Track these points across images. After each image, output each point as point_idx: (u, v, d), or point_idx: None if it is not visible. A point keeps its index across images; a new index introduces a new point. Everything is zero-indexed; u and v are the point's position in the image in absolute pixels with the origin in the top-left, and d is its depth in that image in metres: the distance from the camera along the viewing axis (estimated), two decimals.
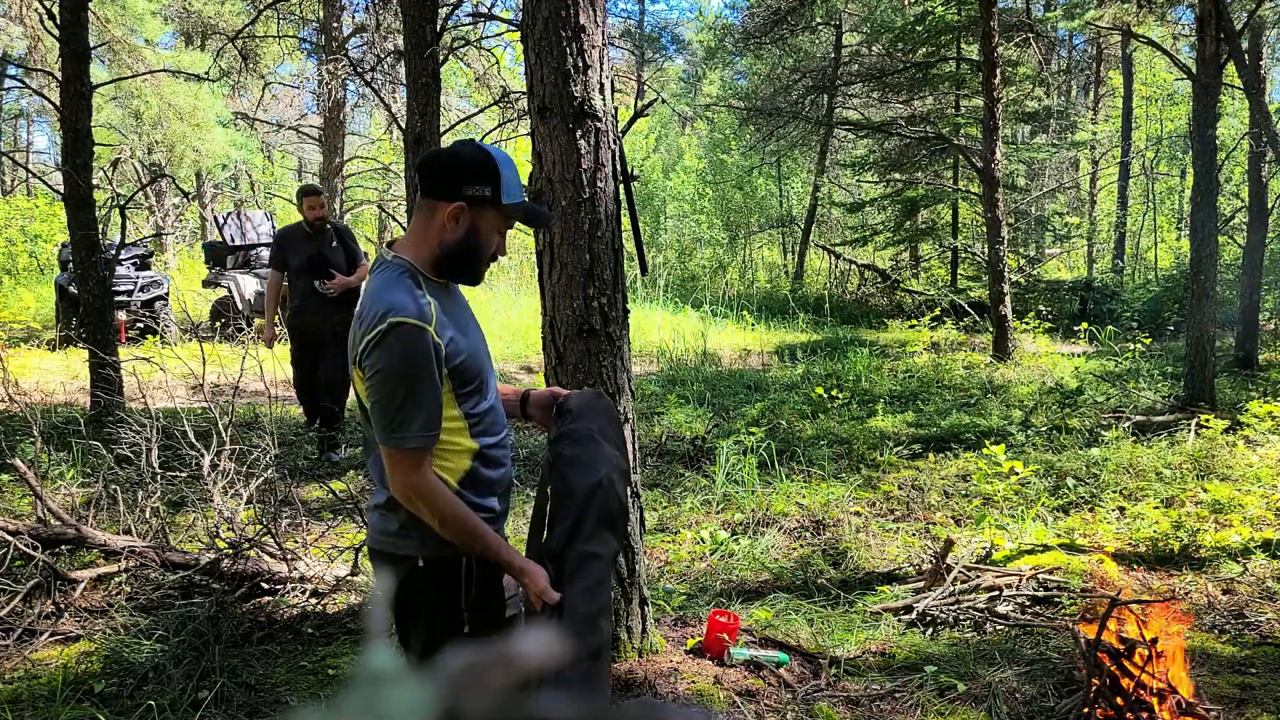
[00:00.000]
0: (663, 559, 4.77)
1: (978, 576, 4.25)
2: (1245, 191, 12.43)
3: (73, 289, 9.15)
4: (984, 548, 4.70)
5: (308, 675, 3.44)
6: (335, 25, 18.47)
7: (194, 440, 4.72)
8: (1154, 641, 3.00)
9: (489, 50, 14.90)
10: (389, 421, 1.94)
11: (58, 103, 7.19)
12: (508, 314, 14.10)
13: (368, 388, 1.96)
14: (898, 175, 18.14)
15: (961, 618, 3.95)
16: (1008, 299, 11.65)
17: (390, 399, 1.93)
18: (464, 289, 2.22)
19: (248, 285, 12.83)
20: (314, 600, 4.08)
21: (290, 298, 6.60)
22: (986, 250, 12.56)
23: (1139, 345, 11.04)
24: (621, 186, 3.38)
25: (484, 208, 2.04)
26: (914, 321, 14.06)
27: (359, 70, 12.17)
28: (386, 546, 2.07)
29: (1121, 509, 5.47)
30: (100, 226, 7.45)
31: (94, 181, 7.31)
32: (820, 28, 20.65)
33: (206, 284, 13.89)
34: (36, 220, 19.68)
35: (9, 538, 3.95)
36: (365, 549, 2.14)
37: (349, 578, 4.23)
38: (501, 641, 0.41)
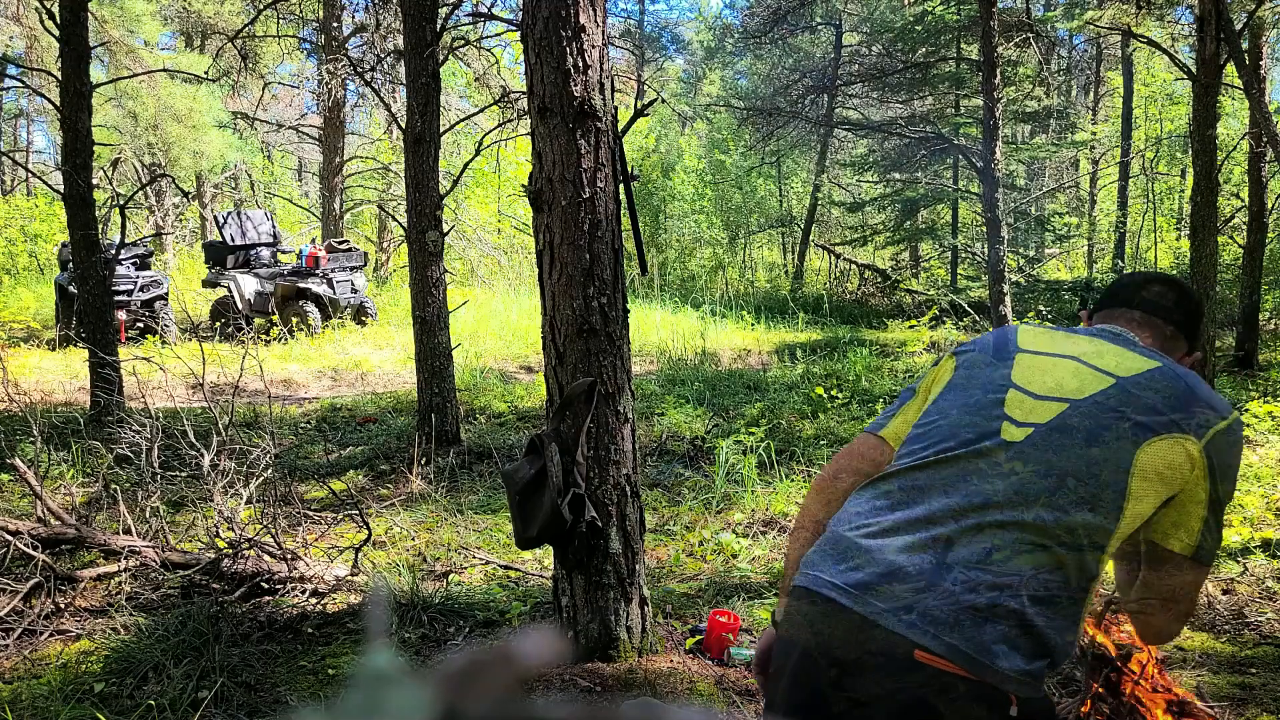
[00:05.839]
0: (663, 559, 4.77)
1: None
2: (1245, 191, 12.43)
3: (73, 289, 9.15)
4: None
5: (308, 675, 3.44)
6: (335, 25, 18.48)
7: (194, 440, 4.72)
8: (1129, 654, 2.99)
9: (489, 50, 14.90)
10: (1217, 534, 1.61)
11: (57, 102, 7.20)
12: (508, 314, 14.09)
13: (1217, 486, 1.57)
14: (898, 175, 18.16)
15: None
16: (1008, 299, 11.64)
17: (1223, 508, 1.61)
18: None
19: (248, 285, 12.83)
20: (314, 600, 4.08)
21: None
22: (986, 250, 12.57)
23: None
24: (621, 186, 3.38)
25: None
26: (914, 321, 14.05)
27: (359, 70, 12.16)
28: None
29: None
30: (100, 226, 7.45)
31: (94, 181, 7.32)
32: (820, 28, 20.66)
33: (206, 284, 13.88)
34: (36, 220, 19.67)
35: (9, 538, 3.95)
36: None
37: (349, 578, 4.23)
38: (500, 641, 0.41)
